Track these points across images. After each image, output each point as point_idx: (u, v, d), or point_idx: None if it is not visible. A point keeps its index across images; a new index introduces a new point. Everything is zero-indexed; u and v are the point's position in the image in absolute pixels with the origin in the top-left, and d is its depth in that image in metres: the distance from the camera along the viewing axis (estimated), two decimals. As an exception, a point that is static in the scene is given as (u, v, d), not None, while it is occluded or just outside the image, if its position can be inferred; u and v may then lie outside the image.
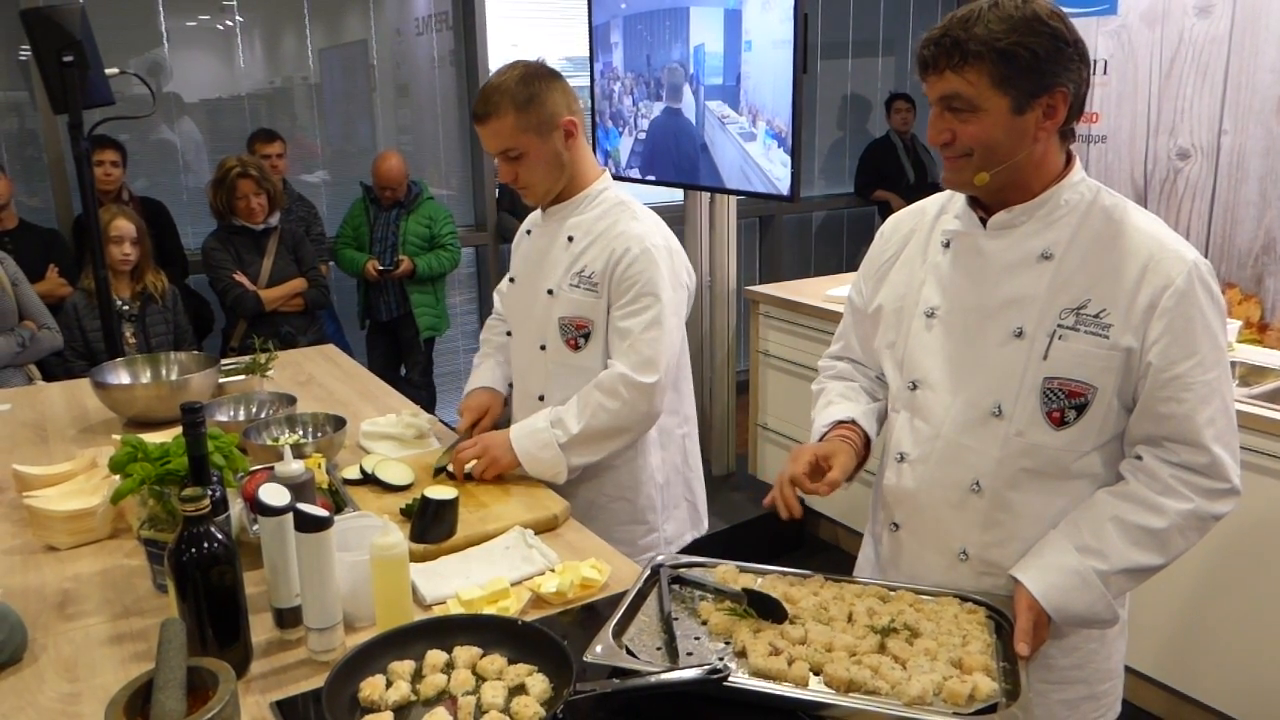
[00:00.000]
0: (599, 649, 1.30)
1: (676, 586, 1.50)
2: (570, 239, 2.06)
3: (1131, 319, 1.39)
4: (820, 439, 1.66)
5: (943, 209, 1.60)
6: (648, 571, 1.52)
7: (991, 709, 1.20)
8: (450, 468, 2.02)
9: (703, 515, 2.31)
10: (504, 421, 2.19)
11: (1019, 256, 1.46)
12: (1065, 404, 1.44)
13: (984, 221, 1.50)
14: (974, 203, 1.52)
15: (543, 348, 2.11)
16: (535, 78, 1.94)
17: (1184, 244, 1.43)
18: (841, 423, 1.66)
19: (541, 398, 2.12)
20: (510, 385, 2.30)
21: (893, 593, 1.46)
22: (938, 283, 1.55)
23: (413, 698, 1.26)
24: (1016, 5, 1.35)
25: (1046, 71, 1.35)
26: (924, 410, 1.55)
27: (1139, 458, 1.46)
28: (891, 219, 1.72)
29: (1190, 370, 1.38)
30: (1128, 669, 2.91)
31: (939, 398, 1.53)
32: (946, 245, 1.55)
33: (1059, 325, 1.43)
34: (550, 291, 2.08)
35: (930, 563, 1.57)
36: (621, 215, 2.03)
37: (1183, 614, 2.79)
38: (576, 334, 2.06)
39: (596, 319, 2.03)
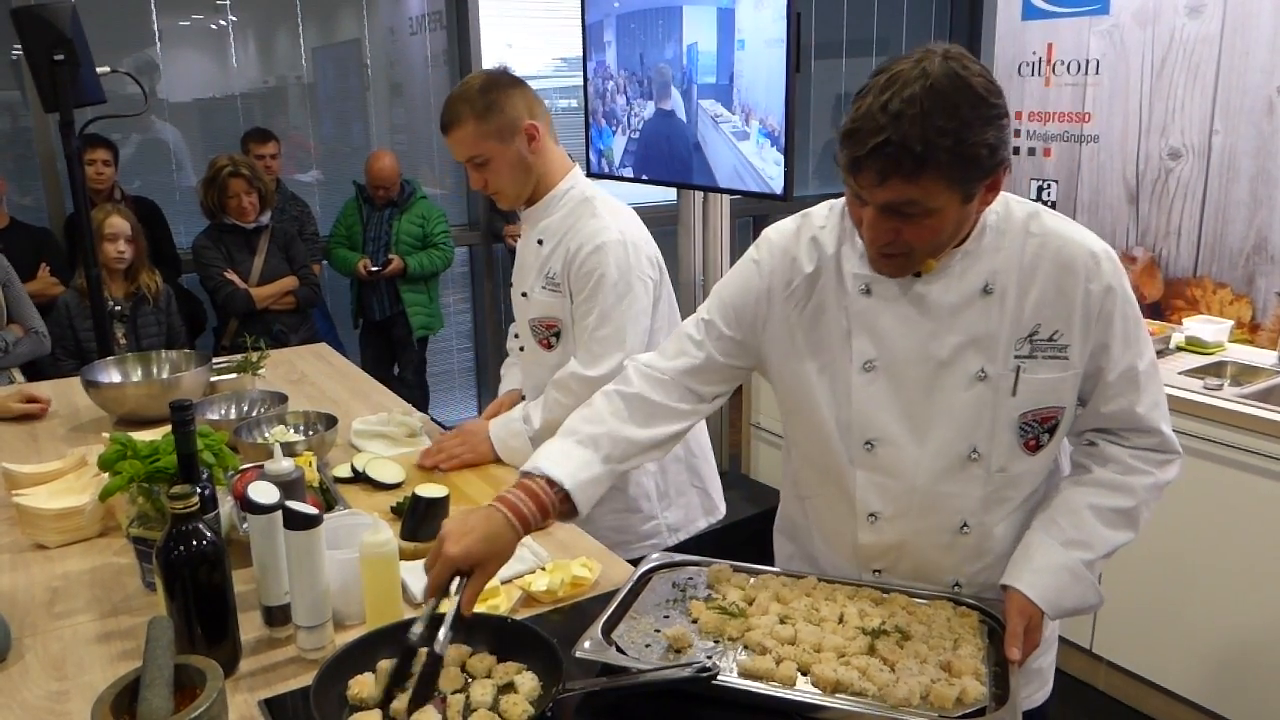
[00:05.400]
0: (587, 644, 1.30)
1: (673, 586, 1.50)
2: (540, 242, 2.11)
3: (1085, 332, 1.38)
4: (523, 475, 1.46)
5: (839, 241, 1.46)
6: (640, 571, 1.52)
7: (979, 713, 1.20)
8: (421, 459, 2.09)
9: (716, 501, 2.29)
10: None
11: (960, 297, 1.39)
12: (1040, 431, 1.43)
13: None
14: None
15: (522, 349, 2.22)
16: (493, 86, 1.99)
17: (1099, 240, 1.40)
18: (552, 483, 1.42)
19: (523, 397, 2.18)
20: None
21: (886, 595, 1.46)
22: (867, 332, 1.43)
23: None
24: (951, 79, 1.20)
25: (997, 157, 1.25)
26: (889, 468, 1.46)
27: (1093, 444, 1.48)
28: (776, 250, 1.50)
29: (1133, 362, 1.41)
30: (1138, 678, 2.92)
31: (903, 452, 1.44)
32: (867, 291, 1.43)
33: (1017, 357, 1.39)
34: (525, 295, 2.15)
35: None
36: (583, 213, 2.05)
37: (1181, 617, 2.80)
38: (547, 334, 2.12)
39: (564, 317, 2.08)
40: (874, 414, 1.45)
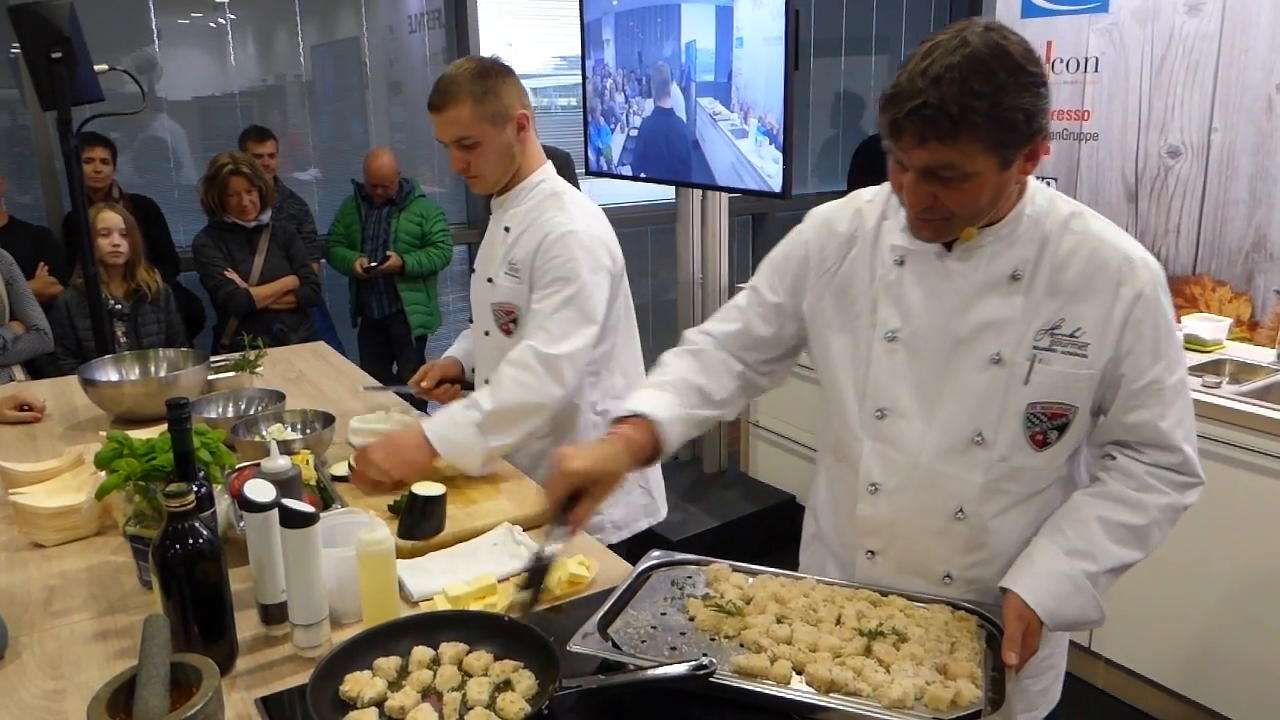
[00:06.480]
0: (583, 638, 1.30)
1: (671, 584, 1.50)
2: (507, 229, 2.15)
3: (1108, 335, 1.37)
4: (614, 421, 1.54)
5: (883, 215, 1.51)
6: (639, 569, 1.52)
7: (974, 715, 1.20)
8: (353, 462, 1.96)
9: (659, 503, 2.31)
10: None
11: (987, 279, 1.41)
12: (1048, 426, 1.42)
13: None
14: None
15: (486, 334, 2.25)
16: (491, 72, 2.04)
17: (1141, 248, 1.40)
18: (641, 417, 1.51)
19: (487, 381, 2.15)
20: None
21: (884, 597, 1.45)
22: (894, 303, 1.46)
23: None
24: (990, 47, 1.24)
25: (1035, 124, 1.27)
26: (895, 439, 1.48)
27: (1111, 457, 1.46)
28: (819, 219, 1.59)
29: (1160, 375, 1.39)
30: (1137, 676, 2.92)
31: (911, 425, 1.47)
32: (900, 262, 1.46)
33: (1035, 348, 1.40)
34: (490, 280, 2.20)
35: (912, 586, 1.52)
36: (550, 206, 2.09)
37: (1180, 615, 2.80)
38: (506, 319, 2.17)
39: (521, 304, 2.12)
40: (888, 384, 1.48)
